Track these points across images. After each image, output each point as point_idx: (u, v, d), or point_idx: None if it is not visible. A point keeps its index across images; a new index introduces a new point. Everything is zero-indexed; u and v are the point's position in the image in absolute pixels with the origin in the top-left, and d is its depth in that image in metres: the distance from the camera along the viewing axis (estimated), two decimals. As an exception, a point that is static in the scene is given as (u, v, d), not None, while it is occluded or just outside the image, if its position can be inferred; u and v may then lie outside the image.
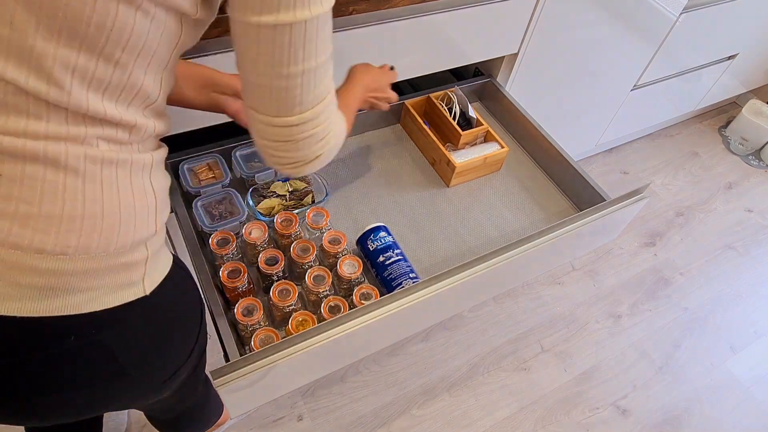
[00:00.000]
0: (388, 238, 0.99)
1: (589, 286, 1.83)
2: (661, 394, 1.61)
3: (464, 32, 1.16)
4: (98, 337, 0.55)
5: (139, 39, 0.49)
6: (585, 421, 1.52)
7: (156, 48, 0.52)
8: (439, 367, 1.57)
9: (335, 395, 1.47)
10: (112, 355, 0.57)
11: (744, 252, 2.03)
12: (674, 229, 2.06)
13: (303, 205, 1.05)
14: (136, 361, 0.60)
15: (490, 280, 0.93)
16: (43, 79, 0.47)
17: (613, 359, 1.66)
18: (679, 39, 1.67)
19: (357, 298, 0.90)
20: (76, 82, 0.48)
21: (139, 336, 0.59)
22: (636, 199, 1.03)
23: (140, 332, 0.59)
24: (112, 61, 0.49)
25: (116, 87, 0.51)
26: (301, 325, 0.87)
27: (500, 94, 1.32)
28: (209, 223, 0.98)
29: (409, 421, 1.46)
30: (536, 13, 1.23)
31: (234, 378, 0.72)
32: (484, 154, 1.17)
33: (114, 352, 0.57)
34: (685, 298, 1.86)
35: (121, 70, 0.50)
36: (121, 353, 0.58)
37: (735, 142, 2.43)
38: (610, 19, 1.43)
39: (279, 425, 1.41)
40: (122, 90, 0.52)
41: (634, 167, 2.27)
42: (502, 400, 1.53)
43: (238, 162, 1.08)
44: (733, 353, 1.74)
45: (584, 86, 1.65)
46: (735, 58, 2.03)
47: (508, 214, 1.15)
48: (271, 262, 0.92)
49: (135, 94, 0.53)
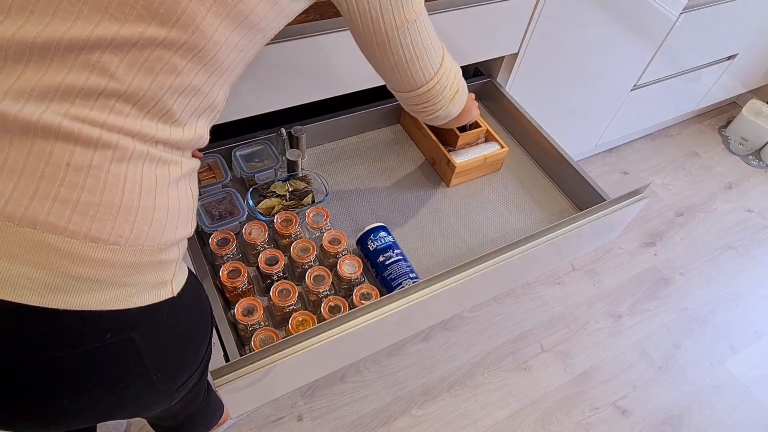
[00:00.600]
0: (388, 238, 0.99)
1: (589, 286, 1.83)
2: (661, 394, 1.61)
3: (464, 32, 1.16)
4: (131, 335, 0.55)
5: (229, 57, 0.58)
6: (585, 421, 1.52)
7: (236, 66, 0.60)
8: (439, 367, 1.57)
9: (335, 395, 1.47)
10: (140, 355, 0.57)
11: (744, 252, 2.03)
12: (674, 229, 2.06)
13: (303, 205, 1.05)
14: (159, 364, 0.60)
15: (490, 280, 0.93)
16: (145, 81, 0.52)
17: (613, 359, 1.66)
18: (679, 39, 1.67)
19: (357, 298, 0.90)
20: (175, 86, 0.54)
21: (164, 338, 0.60)
22: (636, 199, 1.03)
23: (165, 335, 0.60)
24: (208, 72, 0.56)
25: (202, 94, 0.57)
26: (301, 325, 0.87)
27: (500, 94, 1.32)
28: (209, 223, 0.98)
29: (409, 421, 1.46)
30: (536, 13, 1.23)
31: (234, 378, 0.72)
32: (484, 154, 1.17)
33: (142, 353, 0.57)
34: (685, 298, 1.86)
35: (211, 81, 0.57)
36: (148, 355, 0.58)
37: (735, 142, 2.43)
38: (610, 19, 1.43)
39: (279, 425, 1.41)
40: (203, 97, 0.58)
41: (634, 167, 2.27)
42: (502, 400, 1.53)
43: (238, 162, 1.08)
44: (733, 353, 1.73)
45: (584, 86, 1.65)
46: (735, 58, 2.03)
47: (508, 214, 1.15)
48: (271, 262, 0.92)
49: (208, 105, 0.59)
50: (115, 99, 0.51)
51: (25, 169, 0.48)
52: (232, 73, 0.60)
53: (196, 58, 0.54)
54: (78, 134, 0.49)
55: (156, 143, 0.55)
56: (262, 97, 1.03)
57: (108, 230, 0.51)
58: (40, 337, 0.50)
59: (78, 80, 0.50)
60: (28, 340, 0.50)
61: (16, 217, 0.47)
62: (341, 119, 1.20)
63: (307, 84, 1.06)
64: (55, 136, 0.49)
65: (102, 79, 0.50)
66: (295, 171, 1.11)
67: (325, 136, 1.22)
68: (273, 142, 1.13)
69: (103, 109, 0.51)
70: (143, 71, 0.52)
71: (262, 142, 1.12)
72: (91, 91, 0.50)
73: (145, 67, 0.52)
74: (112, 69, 0.51)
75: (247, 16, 0.56)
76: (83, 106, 0.50)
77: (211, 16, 0.53)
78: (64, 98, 0.50)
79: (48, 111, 0.49)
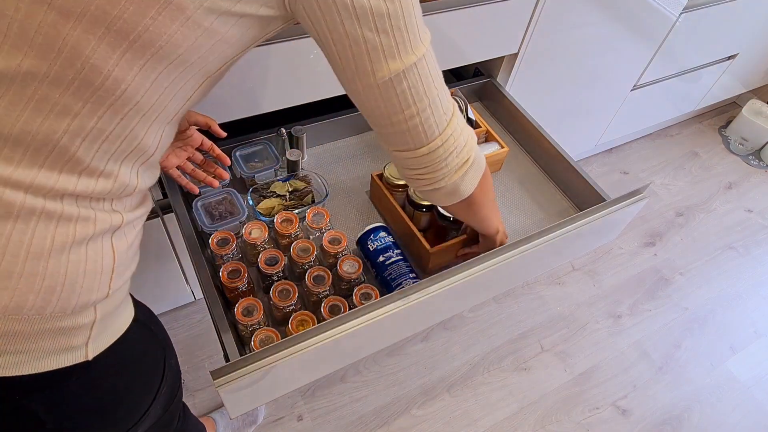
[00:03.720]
0: (388, 238, 0.99)
1: (589, 286, 1.83)
2: (661, 394, 1.60)
3: (464, 32, 1.16)
4: (24, 402, 0.51)
5: (151, 98, 0.49)
6: (585, 421, 1.52)
7: (165, 106, 0.51)
8: (439, 367, 1.57)
9: (335, 395, 1.47)
10: (39, 420, 0.52)
11: (744, 252, 2.03)
12: (674, 229, 2.06)
13: (303, 205, 1.05)
14: (73, 424, 0.56)
15: (490, 281, 0.93)
16: (33, 124, 0.45)
17: (613, 359, 1.66)
18: (679, 39, 1.67)
19: (357, 298, 0.90)
20: (73, 129, 0.46)
21: (78, 401, 0.55)
22: (636, 200, 1.03)
23: (79, 397, 0.55)
24: (119, 114, 0.48)
25: (116, 138, 0.49)
26: (301, 325, 0.87)
27: (500, 94, 1.32)
28: (209, 223, 0.98)
29: (409, 421, 1.46)
30: (536, 13, 1.23)
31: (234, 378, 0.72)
32: (484, 154, 1.17)
33: (41, 418, 0.53)
34: (685, 298, 1.86)
35: (125, 122, 0.49)
36: (51, 419, 0.53)
37: (735, 142, 2.43)
38: (610, 19, 1.43)
39: (279, 425, 1.41)
40: (121, 142, 0.50)
41: (634, 167, 2.27)
42: (502, 400, 1.53)
43: (238, 162, 1.08)
44: (733, 353, 1.73)
45: (584, 86, 1.65)
46: (735, 58, 2.03)
47: (508, 214, 1.15)
48: (271, 263, 0.92)
49: (131, 150, 0.51)
50: (2, 143, 0.45)
51: None
52: (159, 112, 0.51)
53: (96, 98, 0.46)
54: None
55: (58, 196, 0.47)
56: (262, 97, 1.03)
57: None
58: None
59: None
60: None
61: None
62: (341, 119, 1.20)
63: (307, 84, 1.06)
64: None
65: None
66: (295, 171, 1.11)
67: (325, 136, 1.22)
68: (273, 142, 1.13)
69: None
70: (30, 112, 0.44)
71: (262, 142, 1.12)
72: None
73: (32, 107, 0.44)
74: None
75: (159, 47, 0.46)
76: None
77: (105, 48, 0.44)
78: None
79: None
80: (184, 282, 1.43)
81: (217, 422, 1.36)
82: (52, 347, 0.50)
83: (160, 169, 0.60)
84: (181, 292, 1.47)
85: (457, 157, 0.63)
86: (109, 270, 0.53)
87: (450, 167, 0.63)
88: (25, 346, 0.48)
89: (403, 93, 0.54)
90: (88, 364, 0.53)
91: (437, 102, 0.58)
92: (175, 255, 1.30)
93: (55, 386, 0.52)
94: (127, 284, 0.58)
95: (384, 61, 0.52)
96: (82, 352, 0.52)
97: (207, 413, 1.39)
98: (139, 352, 0.62)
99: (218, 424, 1.36)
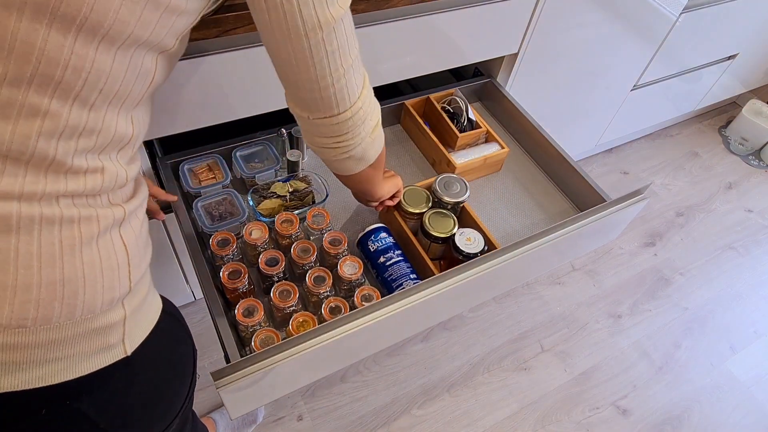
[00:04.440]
0: (389, 239, 0.99)
1: (589, 286, 1.83)
2: (661, 394, 1.61)
3: (464, 32, 1.16)
4: (75, 405, 0.51)
5: (115, 81, 0.47)
6: (585, 421, 1.52)
7: (131, 89, 0.50)
8: (440, 367, 1.57)
9: (335, 395, 1.47)
10: (92, 421, 0.53)
11: (744, 252, 2.03)
12: (674, 229, 2.06)
13: (303, 205, 1.05)
14: (123, 422, 0.56)
15: (490, 281, 0.93)
16: (5, 131, 0.43)
17: (613, 359, 1.66)
18: (679, 39, 1.67)
19: (358, 299, 0.90)
20: (47, 129, 0.45)
21: (124, 397, 0.55)
22: (636, 200, 1.03)
23: (124, 394, 0.55)
24: (87, 105, 0.46)
25: (90, 132, 0.48)
26: (302, 326, 0.87)
27: (500, 94, 1.32)
28: (209, 223, 0.98)
29: (410, 420, 1.46)
30: (536, 13, 1.23)
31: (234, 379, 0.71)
32: (484, 154, 1.17)
33: (93, 419, 0.53)
34: (685, 298, 1.86)
35: (95, 114, 0.48)
36: (103, 418, 0.54)
37: (735, 142, 2.43)
38: (610, 19, 1.43)
39: (279, 425, 1.41)
40: (96, 135, 0.49)
41: (634, 167, 2.27)
42: (502, 400, 1.53)
43: (238, 162, 1.08)
44: (733, 353, 1.74)
45: (584, 86, 1.65)
46: (735, 58, 2.03)
47: (508, 215, 1.15)
48: (271, 263, 0.92)
49: (109, 140, 0.51)
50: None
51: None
52: (126, 97, 0.50)
53: (60, 91, 0.44)
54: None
55: (53, 199, 0.47)
56: (262, 97, 1.03)
57: (7, 315, 0.45)
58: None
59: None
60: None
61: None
62: (341, 119, 1.20)
63: (308, 84, 1.06)
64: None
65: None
66: (295, 171, 1.11)
67: (325, 137, 1.22)
68: (273, 142, 1.13)
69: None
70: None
71: (262, 143, 1.12)
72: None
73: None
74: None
75: (108, 26, 0.44)
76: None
77: (56, 36, 0.42)
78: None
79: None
80: (184, 282, 1.43)
81: (217, 422, 1.36)
82: (90, 349, 0.50)
83: (140, 156, 0.59)
84: (181, 292, 1.47)
85: (371, 120, 0.65)
86: (125, 263, 0.53)
87: (366, 130, 0.65)
88: (64, 352, 0.48)
89: (333, 53, 0.55)
90: (128, 360, 0.53)
91: (358, 62, 0.60)
92: (175, 255, 1.30)
93: (101, 386, 0.52)
94: (147, 275, 0.58)
95: (315, 16, 0.52)
96: (120, 350, 0.52)
97: (207, 413, 1.39)
98: (173, 342, 0.62)
99: (218, 424, 1.36)
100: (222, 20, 0.83)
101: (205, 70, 0.91)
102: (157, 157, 1.07)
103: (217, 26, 0.83)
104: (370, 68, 0.73)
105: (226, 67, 0.93)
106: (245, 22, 0.85)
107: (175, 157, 1.06)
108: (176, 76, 0.89)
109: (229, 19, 0.83)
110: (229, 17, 0.83)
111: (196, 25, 0.56)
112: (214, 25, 0.83)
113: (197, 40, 0.83)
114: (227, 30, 0.85)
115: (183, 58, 0.87)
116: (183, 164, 1.05)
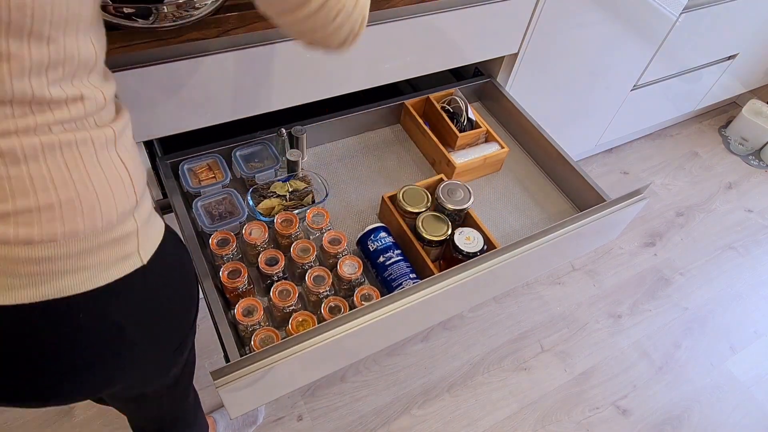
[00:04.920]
0: (388, 239, 0.99)
1: (589, 286, 1.83)
2: (661, 394, 1.61)
3: (464, 32, 1.16)
4: (106, 311, 0.57)
5: (60, 8, 0.48)
6: (585, 421, 1.52)
7: (79, 10, 0.51)
8: (440, 367, 1.57)
9: (335, 395, 1.47)
10: (120, 327, 0.59)
11: (744, 252, 2.03)
12: (674, 229, 2.06)
13: (303, 205, 1.05)
14: (144, 331, 0.62)
15: (490, 281, 0.93)
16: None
17: (613, 359, 1.66)
18: (679, 39, 1.67)
19: (358, 299, 0.90)
20: (15, 70, 0.47)
21: (144, 305, 0.61)
22: (636, 200, 1.03)
23: (144, 302, 0.61)
24: (43, 39, 0.48)
25: (56, 64, 0.50)
26: (302, 325, 0.87)
27: (500, 94, 1.32)
28: (209, 223, 0.98)
29: (410, 420, 1.46)
30: (536, 13, 1.23)
31: (234, 378, 0.72)
32: (484, 154, 1.17)
33: (121, 324, 0.59)
34: (685, 298, 1.86)
35: (54, 45, 0.49)
36: (129, 324, 0.59)
37: (735, 142, 2.43)
38: (610, 19, 1.43)
39: (279, 425, 1.41)
40: (62, 65, 0.51)
41: (634, 167, 2.27)
42: (502, 400, 1.53)
43: (238, 162, 1.08)
44: (733, 353, 1.74)
45: (584, 86, 1.65)
46: (735, 58, 2.03)
47: (507, 215, 1.15)
48: (271, 263, 0.92)
49: (76, 66, 0.52)
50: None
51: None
52: (78, 21, 0.51)
53: (13, 32, 0.46)
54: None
55: (47, 128, 0.51)
56: (262, 97, 1.03)
57: (38, 233, 0.50)
58: (13, 331, 0.54)
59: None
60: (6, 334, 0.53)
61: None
62: (341, 119, 1.20)
63: (307, 84, 1.06)
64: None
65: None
66: (295, 171, 1.11)
67: (325, 136, 1.22)
68: (273, 142, 1.13)
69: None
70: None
71: (262, 142, 1.12)
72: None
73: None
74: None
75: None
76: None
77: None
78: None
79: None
80: (184, 282, 1.43)
81: (218, 422, 1.36)
82: (112, 258, 0.56)
83: (111, 75, 0.62)
84: (181, 292, 1.47)
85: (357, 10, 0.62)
86: (128, 178, 0.57)
87: (353, 23, 0.61)
88: (92, 260, 0.54)
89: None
90: (144, 269, 0.59)
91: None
92: (175, 255, 1.30)
93: (126, 293, 0.58)
94: (147, 193, 0.62)
95: None
96: (137, 258, 0.58)
97: (207, 413, 1.39)
98: (178, 259, 0.67)
99: (218, 423, 1.36)
100: (222, 20, 0.83)
101: (205, 70, 0.91)
102: (157, 156, 1.07)
103: (217, 26, 0.84)
104: (370, 68, 0.72)
105: (226, 67, 0.93)
106: (246, 23, 0.85)
107: (174, 157, 1.06)
108: (176, 76, 0.89)
109: (229, 19, 0.84)
110: (230, 17, 0.83)
111: (197, 25, 0.56)
112: (214, 25, 0.83)
113: (197, 40, 0.83)
114: (227, 30, 0.85)
115: (183, 58, 0.87)
116: (183, 164, 1.05)
